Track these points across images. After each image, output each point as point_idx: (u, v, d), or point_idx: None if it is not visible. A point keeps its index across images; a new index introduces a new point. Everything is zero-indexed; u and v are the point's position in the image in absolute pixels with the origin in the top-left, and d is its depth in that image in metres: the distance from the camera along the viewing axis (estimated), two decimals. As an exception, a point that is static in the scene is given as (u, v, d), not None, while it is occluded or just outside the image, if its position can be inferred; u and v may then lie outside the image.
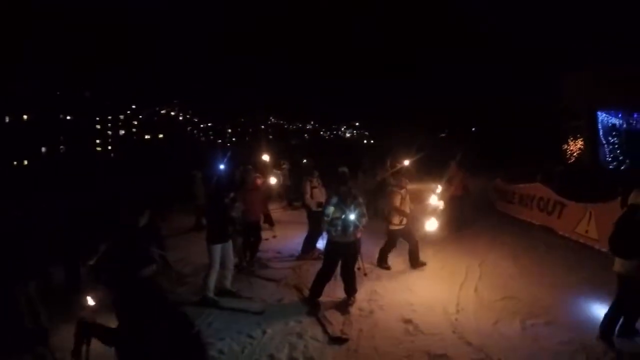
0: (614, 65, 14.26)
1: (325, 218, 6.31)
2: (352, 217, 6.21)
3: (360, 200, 6.47)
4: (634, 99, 14.35)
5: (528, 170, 13.18)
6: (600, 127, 15.32)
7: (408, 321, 5.78)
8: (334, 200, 6.35)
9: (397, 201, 7.79)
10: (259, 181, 8.86)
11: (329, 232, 6.39)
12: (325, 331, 5.56)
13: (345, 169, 7.11)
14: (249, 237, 8.29)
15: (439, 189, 9.22)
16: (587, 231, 8.39)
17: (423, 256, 8.24)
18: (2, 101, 57.10)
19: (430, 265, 8.17)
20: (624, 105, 15.09)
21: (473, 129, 38.32)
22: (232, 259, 6.93)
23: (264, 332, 5.53)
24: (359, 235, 6.57)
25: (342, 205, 6.26)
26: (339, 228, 6.24)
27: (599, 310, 5.79)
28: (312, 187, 8.82)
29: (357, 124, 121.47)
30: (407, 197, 7.96)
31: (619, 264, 5.02)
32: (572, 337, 5.31)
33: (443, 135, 45.52)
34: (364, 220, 6.46)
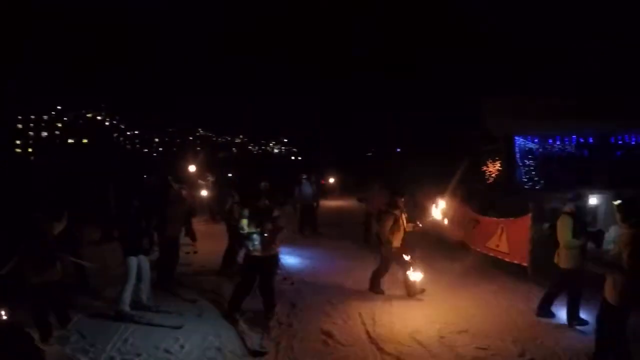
0: (531, 95, 15.20)
1: (241, 231, 6.27)
2: (266, 230, 6.16)
3: (276, 213, 6.41)
4: (549, 127, 15.48)
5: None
6: (517, 150, 16.19)
7: (327, 333, 5.80)
8: (245, 213, 6.31)
9: (389, 223, 7.46)
10: (183, 192, 8.63)
11: (246, 247, 6.34)
12: (244, 345, 5.49)
13: (266, 184, 7.15)
14: (167, 251, 7.97)
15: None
16: (498, 245, 8.80)
17: (341, 269, 8.61)
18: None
19: (348, 273, 8.44)
20: (540, 132, 16.12)
21: (398, 149, 39.41)
22: (148, 272, 6.68)
23: (182, 347, 5.37)
24: (277, 249, 6.58)
25: (256, 219, 6.21)
26: (256, 242, 6.19)
27: (513, 316, 6.34)
28: (234, 202, 8.72)
29: (285, 140, 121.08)
30: (403, 219, 7.61)
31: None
32: (488, 343, 5.55)
33: (369, 154, 46.62)
34: (282, 234, 6.47)
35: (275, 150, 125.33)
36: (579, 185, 14.16)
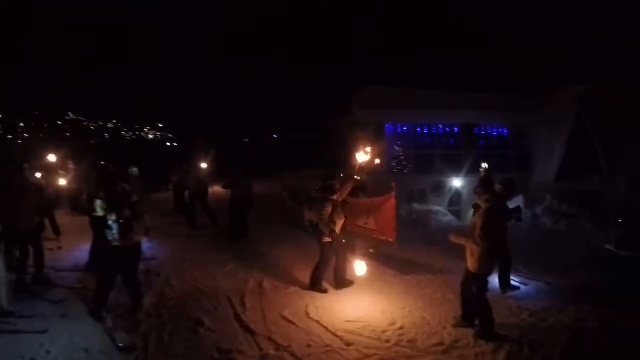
0: (402, 86, 16.13)
1: (94, 215, 6.08)
2: (123, 217, 5.86)
3: (135, 199, 6.12)
4: (418, 116, 16.67)
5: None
6: (387, 137, 17.19)
7: (197, 321, 5.89)
8: (99, 200, 6.14)
9: (328, 210, 7.07)
10: (40, 182, 8.09)
11: (106, 237, 5.98)
12: (113, 342, 5.36)
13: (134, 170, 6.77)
14: (21, 248, 7.21)
15: None
16: (366, 223, 9.38)
17: (207, 255, 8.87)
18: None
19: (217, 263, 8.52)
20: (409, 120, 17.26)
21: (275, 135, 39.83)
22: (5, 275, 6.12)
23: (48, 353, 5.08)
24: (140, 238, 6.24)
25: (112, 205, 5.94)
26: (115, 231, 5.85)
27: (377, 291, 7.14)
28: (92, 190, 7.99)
29: (160, 125, 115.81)
30: (340, 206, 7.30)
31: None
32: (358, 315, 6.17)
33: (246, 140, 46.62)
34: (143, 222, 6.21)
35: (151, 136, 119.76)
36: (446, 171, 15.68)
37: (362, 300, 6.79)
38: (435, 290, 7.34)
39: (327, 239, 7.09)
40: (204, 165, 12.15)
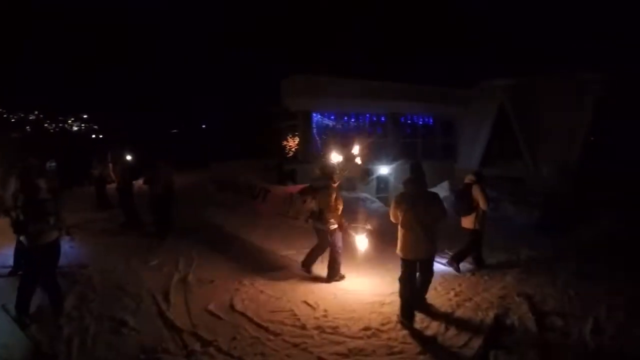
0: (330, 75, 16.15)
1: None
2: (34, 216, 5.45)
3: (47, 195, 5.66)
4: (345, 105, 16.79)
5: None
6: (314, 126, 17.20)
7: (121, 321, 5.63)
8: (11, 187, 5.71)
9: (331, 197, 7.03)
10: None
11: (20, 234, 5.59)
12: (36, 350, 4.99)
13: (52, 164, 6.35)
14: None
15: None
16: (288, 211, 9.34)
17: (131, 251, 8.51)
18: None
19: (140, 259, 8.17)
20: (336, 109, 17.37)
21: (203, 125, 38.98)
22: None
23: None
24: (54, 237, 5.73)
25: (24, 204, 5.49)
26: (26, 231, 5.46)
27: (302, 280, 7.20)
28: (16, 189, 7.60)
29: (85, 116, 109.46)
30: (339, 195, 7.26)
31: (464, 221, 7.83)
32: (283, 305, 6.14)
33: (175, 131, 45.33)
34: (59, 219, 5.76)
35: (75, 128, 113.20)
36: (374, 158, 15.93)
37: (286, 290, 6.74)
38: (360, 276, 7.44)
39: (334, 226, 7.06)
40: (128, 158, 11.55)
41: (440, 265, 7.67)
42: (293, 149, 18.72)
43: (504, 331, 5.41)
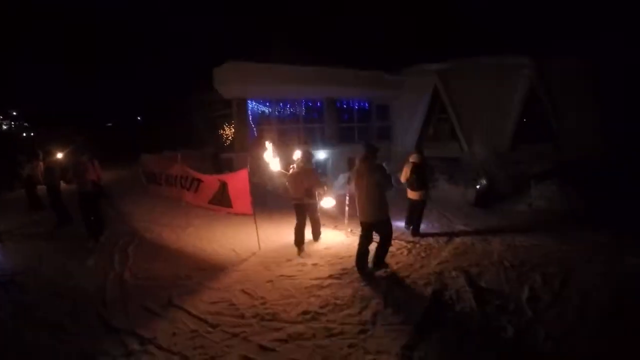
0: (265, 62, 15.77)
1: None
2: None
3: None
4: (279, 91, 16.48)
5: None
6: (250, 113, 16.83)
7: (57, 325, 5.28)
8: None
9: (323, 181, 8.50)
10: None
11: None
12: None
13: None
14: None
15: None
16: (220, 200, 9.08)
17: (65, 253, 8.06)
18: None
19: (75, 260, 7.72)
20: (272, 96, 17.03)
21: (139, 117, 37.67)
22: None
23: None
24: None
25: None
26: None
27: (236, 269, 6.99)
28: None
29: (14, 113, 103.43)
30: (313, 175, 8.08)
31: (412, 195, 8.77)
32: (221, 296, 5.93)
33: (110, 124, 43.62)
34: None
35: (5, 127, 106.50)
36: (310, 143, 15.76)
37: (223, 281, 6.57)
38: (297, 259, 7.42)
39: (319, 199, 8.23)
40: (59, 156, 10.83)
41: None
42: (229, 138, 18.28)
43: (443, 306, 5.43)
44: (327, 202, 8.28)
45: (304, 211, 8.03)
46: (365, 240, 6.61)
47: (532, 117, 16.43)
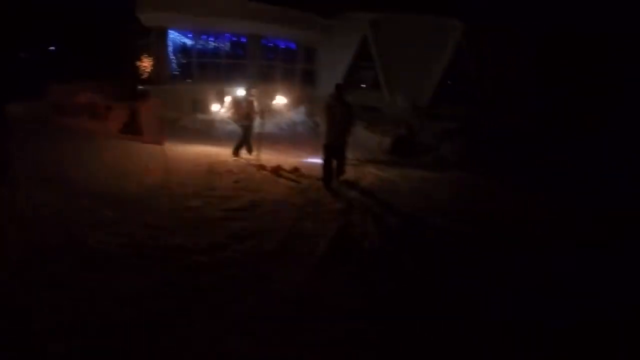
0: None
1: None
2: None
3: None
4: (202, 22, 15.76)
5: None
6: (170, 44, 16.11)
7: None
8: None
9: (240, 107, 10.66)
10: None
11: None
12: None
13: None
14: None
15: None
16: (130, 129, 8.71)
17: None
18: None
19: None
20: (194, 27, 16.29)
21: (52, 47, 34.69)
22: None
23: None
24: None
25: None
26: None
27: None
28: None
29: None
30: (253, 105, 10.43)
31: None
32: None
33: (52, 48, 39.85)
34: None
35: None
36: (231, 80, 15.39)
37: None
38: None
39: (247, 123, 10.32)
40: None
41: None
42: (147, 70, 17.45)
43: (348, 240, 5.53)
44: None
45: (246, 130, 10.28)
46: (327, 162, 8.07)
47: (454, 78, 16.94)
